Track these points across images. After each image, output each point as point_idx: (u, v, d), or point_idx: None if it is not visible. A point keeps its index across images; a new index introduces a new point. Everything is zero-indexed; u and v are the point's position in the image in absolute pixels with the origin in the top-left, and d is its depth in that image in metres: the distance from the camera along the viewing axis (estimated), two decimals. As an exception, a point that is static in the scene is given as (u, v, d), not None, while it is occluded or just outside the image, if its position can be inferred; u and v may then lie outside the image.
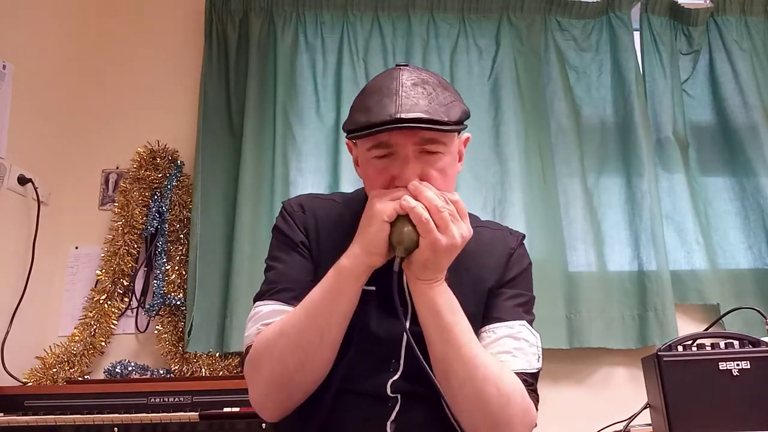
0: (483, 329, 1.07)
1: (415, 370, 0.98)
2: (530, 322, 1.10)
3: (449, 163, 1.01)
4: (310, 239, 1.09)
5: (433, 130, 0.95)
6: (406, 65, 1.04)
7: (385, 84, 0.99)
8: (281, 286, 1.05)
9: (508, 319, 1.06)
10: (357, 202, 1.08)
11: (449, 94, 1.01)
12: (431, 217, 0.91)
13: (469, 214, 1.04)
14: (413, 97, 0.95)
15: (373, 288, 1.02)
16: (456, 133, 1.05)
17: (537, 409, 1.03)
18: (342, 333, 0.99)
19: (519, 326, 1.06)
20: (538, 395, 1.05)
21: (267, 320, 1.03)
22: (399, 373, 1.03)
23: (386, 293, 0.98)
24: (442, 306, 0.96)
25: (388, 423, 1.01)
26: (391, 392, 1.02)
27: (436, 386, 0.94)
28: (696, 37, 2.47)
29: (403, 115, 0.92)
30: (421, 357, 0.93)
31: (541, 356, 1.07)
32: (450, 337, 0.95)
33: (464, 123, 1.01)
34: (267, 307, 1.04)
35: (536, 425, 1.04)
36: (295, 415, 1.05)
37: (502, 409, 0.95)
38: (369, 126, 0.94)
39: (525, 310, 1.09)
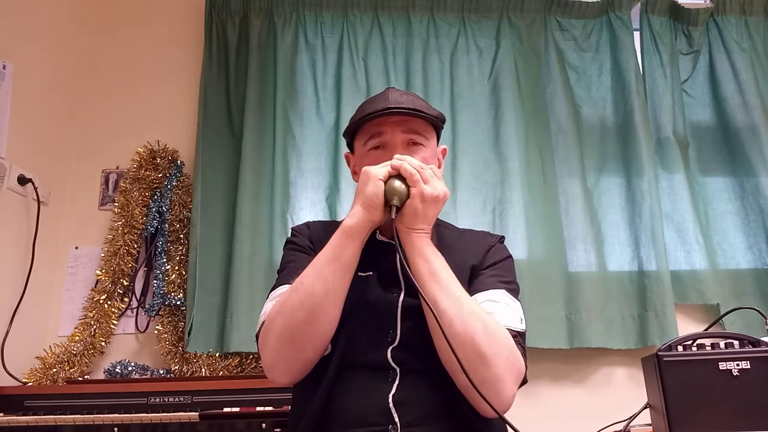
0: None
1: (411, 339, 1.11)
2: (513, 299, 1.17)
3: (430, 157, 1.23)
4: (315, 247, 1.23)
5: (418, 117, 1.20)
6: (394, 87, 1.31)
7: (378, 96, 1.26)
8: (293, 274, 1.15)
9: (487, 289, 1.16)
10: None
11: (428, 105, 1.28)
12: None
13: (451, 225, 1.35)
14: (400, 99, 1.23)
15: (371, 273, 1.18)
16: (435, 136, 1.28)
17: (526, 366, 1.09)
18: (345, 287, 1.10)
19: (498, 293, 1.15)
20: (525, 351, 1.11)
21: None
22: (397, 342, 1.12)
23: (383, 275, 1.18)
24: (429, 253, 1.11)
25: (390, 396, 1.06)
26: (392, 361, 1.10)
27: (427, 302, 1.03)
28: (696, 37, 2.47)
29: (393, 105, 1.19)
30: (410, 271, 1.07)
31: (524, 320, 1.15)
32: (439, 280, 1.08)
33: (442, 123, 1.27)
34: (280, 289, 1.16)
35: (527, 381, 1.10)
36: (301, 390, 1.13)
37: (489, 344, 1.02)
38: (365, 115, 1.20)
39: (507, 288, 1.18)
